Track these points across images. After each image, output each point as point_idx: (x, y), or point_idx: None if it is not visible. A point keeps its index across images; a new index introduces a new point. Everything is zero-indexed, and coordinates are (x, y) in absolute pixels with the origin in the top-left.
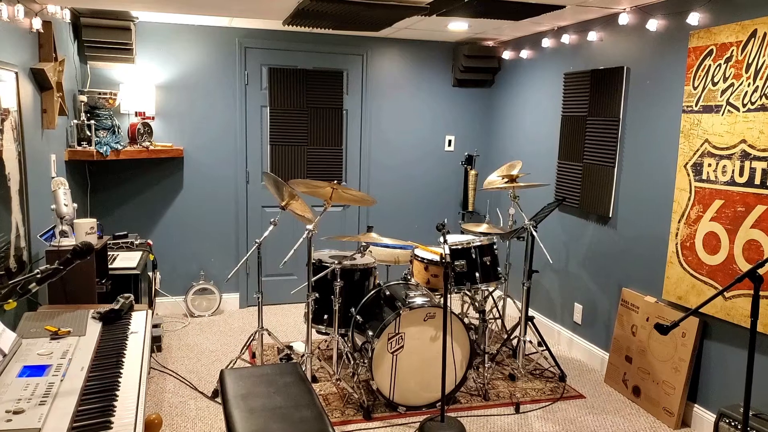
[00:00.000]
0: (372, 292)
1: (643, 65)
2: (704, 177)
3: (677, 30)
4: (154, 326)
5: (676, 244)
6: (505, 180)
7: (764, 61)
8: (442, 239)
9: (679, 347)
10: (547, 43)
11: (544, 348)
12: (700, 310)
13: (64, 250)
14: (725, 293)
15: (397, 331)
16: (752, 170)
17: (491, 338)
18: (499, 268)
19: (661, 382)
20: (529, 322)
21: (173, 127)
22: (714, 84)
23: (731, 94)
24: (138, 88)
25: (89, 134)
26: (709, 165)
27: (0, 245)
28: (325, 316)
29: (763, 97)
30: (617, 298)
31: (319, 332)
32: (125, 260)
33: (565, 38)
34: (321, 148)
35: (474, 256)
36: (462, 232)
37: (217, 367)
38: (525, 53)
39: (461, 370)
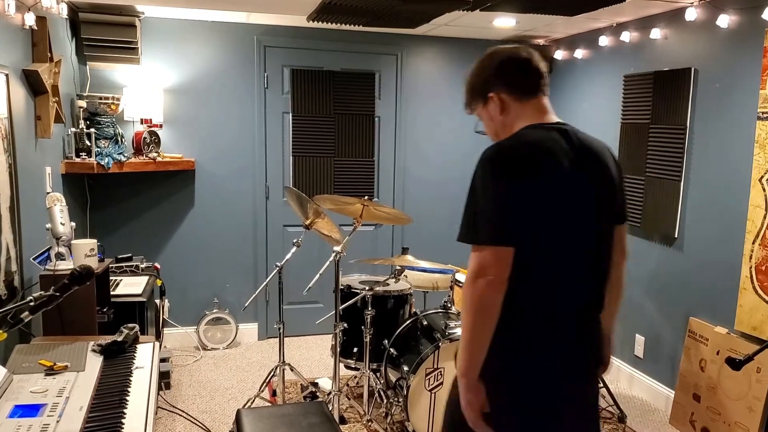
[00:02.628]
0: (407, 321)
1: (712, 66)
2: None
3: (751, 27)
4: (162, 360)
5: (750, 267)
6: None
7: None
8: None
9: (754, 384)
10: (604, 41)
11: (602, 385)
12: None
13: (60, 274)
14: None
15: (435, 366)
16: None
17: None
18: None
19: (734, 423)
20: None
21: (183, 136)
22: None
23: None
24: (144, 92)
25: (89, 144)
26: None
27: None
28: (355, 349)
29: None
30: (684, 329)
31: (347, 367)
32: (129, 286)
33: (625, 36)
34: (350, 159)
35: None
36: None
37: (233, 407)
38: (579, 53)
39: None
